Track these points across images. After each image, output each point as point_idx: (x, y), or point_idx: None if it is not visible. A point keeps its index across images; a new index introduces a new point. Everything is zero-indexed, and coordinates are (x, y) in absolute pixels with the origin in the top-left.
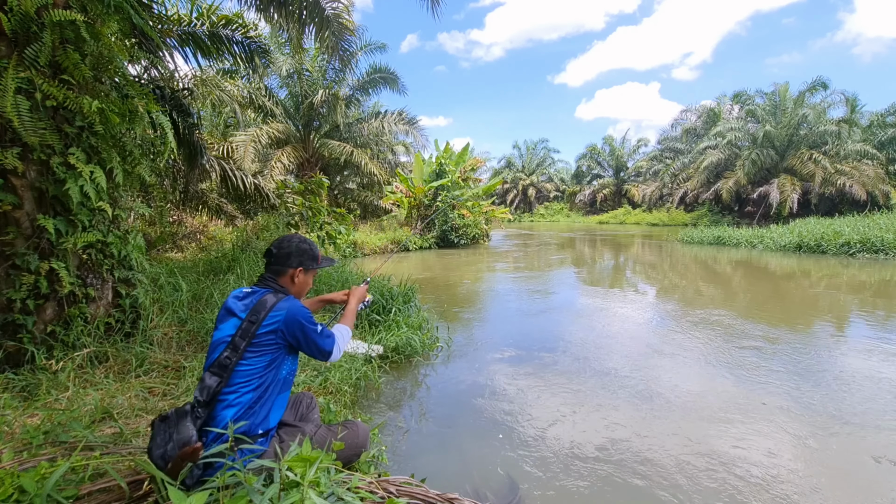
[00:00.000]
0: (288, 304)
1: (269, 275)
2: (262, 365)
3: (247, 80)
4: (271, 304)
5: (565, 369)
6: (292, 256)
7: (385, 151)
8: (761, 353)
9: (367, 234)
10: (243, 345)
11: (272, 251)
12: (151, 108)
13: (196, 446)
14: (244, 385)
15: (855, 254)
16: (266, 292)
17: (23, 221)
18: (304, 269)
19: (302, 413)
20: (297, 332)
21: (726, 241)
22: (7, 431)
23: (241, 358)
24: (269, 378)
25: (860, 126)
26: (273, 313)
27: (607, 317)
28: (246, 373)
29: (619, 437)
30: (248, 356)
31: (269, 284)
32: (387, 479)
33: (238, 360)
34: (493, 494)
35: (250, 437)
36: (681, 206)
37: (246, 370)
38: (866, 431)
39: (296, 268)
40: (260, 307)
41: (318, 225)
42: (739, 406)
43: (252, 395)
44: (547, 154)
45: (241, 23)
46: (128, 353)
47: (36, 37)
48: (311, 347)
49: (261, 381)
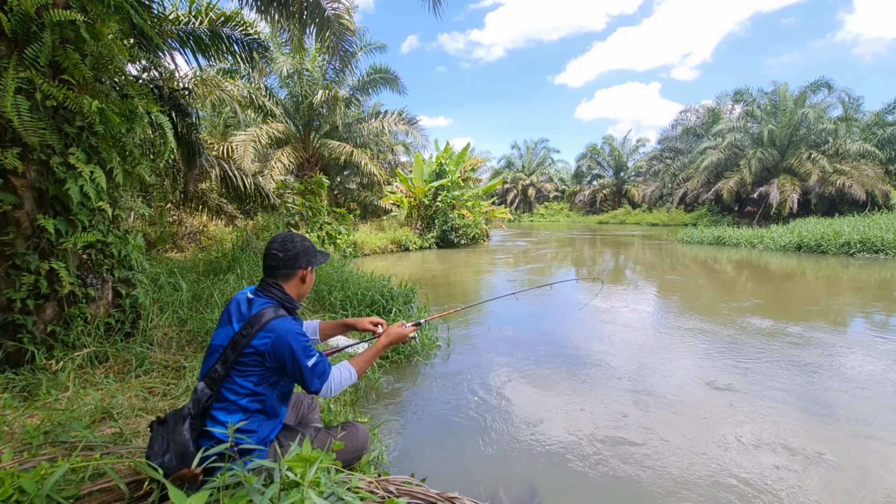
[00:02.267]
0: (282, 326)
1: (274, 280)
2: (250, 386)
3: (247, 79)
4: (265, 321)
5: (566, 368)
6: (300, 257)
7: (385, 151)
8: (764, 350)
9: (368, 234)
10: (231, 358)
11: (278, 255)
12: (151, 108)
13: (195, 472)
14: (232, 405)
15: (855, 254)
16: (266, 304)
17: (23, 221)
18: (312, 266)
19: (303, 414)
20: (286, 358)
21: (726, 241)
22: (7, 431)
23: (228, 373)
24: (259, 402)
25: (861, 124)
26: (263, 333)
27: (608, 316)
28: (235, 391)
29: (623, 437)
30: (235, 375)
31: (273, 293)
32: (387, 479)
33: (225, 376)
34: (510, 500)
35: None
36: (681, 206)
37: (235, 388)
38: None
39: (305, 268)
40: (255, 321)
41: (318, 225)
42: (741, 405)
43: (242, 416)
44: (547, 154)
45: (241, 20)
46: (128, 353)
47: (36, 37)
48: (296, 378)
49: (252, 400)
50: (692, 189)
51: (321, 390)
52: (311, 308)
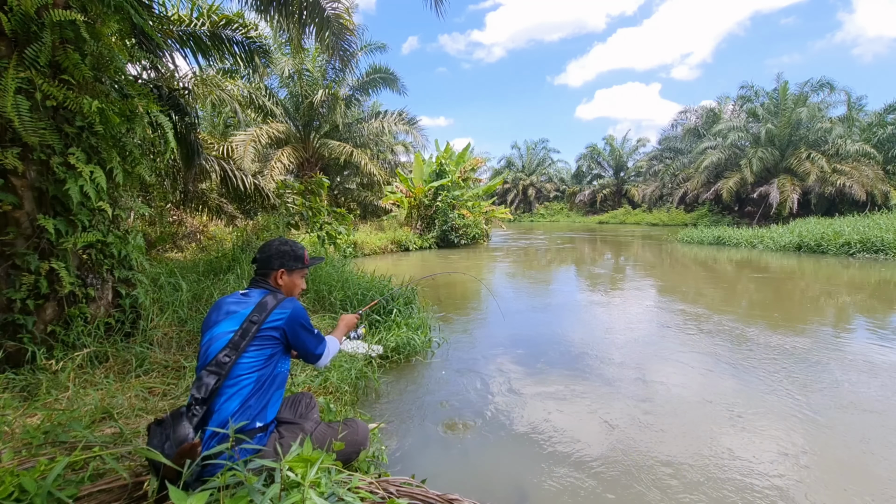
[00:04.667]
0: (292, 304)
1: (259, 277)
2: (262, 359)
3: (247, 79)
4: (273, 305)
5: (566, 368)
6: (273, 259)
7: (385, 151)
8: (764, 351)
9: (368, 234)
10: (244, 343)
11: (256, 256)
12: (151, 108)
13: (194, 442)
14: (244, 378)
15: (855, 254)
16: (264, 293)
17: (23, 221)
18: (287, 269)
19: (301, 412)
20: (298, 331)
21: (726, 241)
22: (7, 431)
23: (240, 355)
24: (267, 371)
25: (862, 125)
26: (277, 311)
27: (608, 315)
28: (247, 365)
29: (622, 437)
30: (251, 351)
31: (263, 285)
32: (387, 480)
33: (237, 358)
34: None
35: (248, 431)
36: (681, 206)
37: (247, 363)
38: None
39: (277, 269)
40: (261, 308)
41: (318, 225)
42: (743, 405)
43: (252, 387)
44: (547, 154)
45: (242, 23)
46: (128, 353)
47: (36, 37)
48: (305, 347)
49: (260, 373)
50: (692, 189)
51: (322, 355)
52: (311, 308)
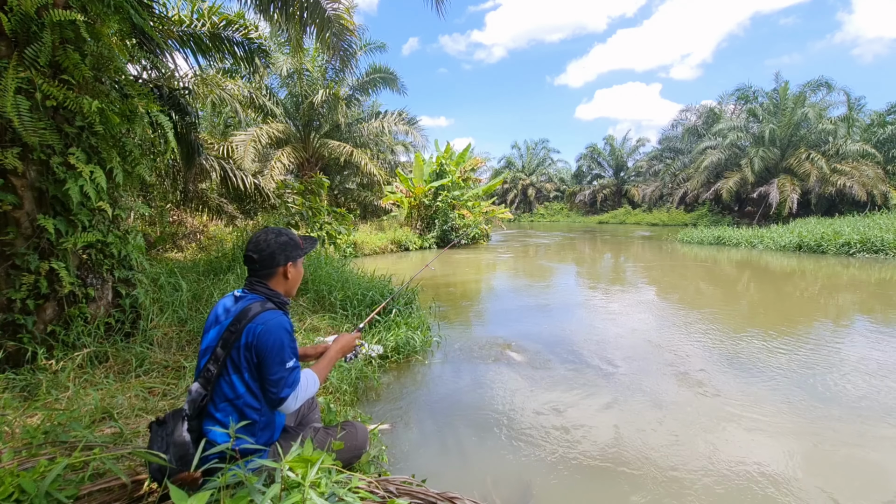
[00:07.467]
0: (271, 318)
1: (257, 279)
2: (242, 389)
3: (247, 79)
4: (253, 314)
5: (566, 367)
6: (277, 255)
7: (385, 151)
8: (766, 350)
9: (367, 234)
10: (223, 356)
11: (253, 257)
12: (151, 108)
13: (195, 476)
14: (230, 404)
15: (855, 254)
16: (254, 299)
17: (23, 221)
18: (293, 260)
19: (303, 413)
20: (266, 352)
21: (726, 241)
22: (7, 431)
23: (220, 372)
24: (255, 402)
25: (862, 125)
26: (251, 325)
27: (608, 314)
28: (230, 390)
29: (623, 436)
30: (227, 373)
31: (258, 289)
32: (387, 479)
33: (219, 375)
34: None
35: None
36: (681, 205)
37: (228, 387)
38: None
39: (285, 264)
40: (242, 316)
41: (318, 225)
42: (746, 405)
43: (238, 419)
44: (547, 154)
45: (243, 24)
46: (128, 353)
47: (36, 37)
48: (267, 378)
49: (245, 404)
50: (692, 189)
51: (287, 400)
52: (311, 308)
